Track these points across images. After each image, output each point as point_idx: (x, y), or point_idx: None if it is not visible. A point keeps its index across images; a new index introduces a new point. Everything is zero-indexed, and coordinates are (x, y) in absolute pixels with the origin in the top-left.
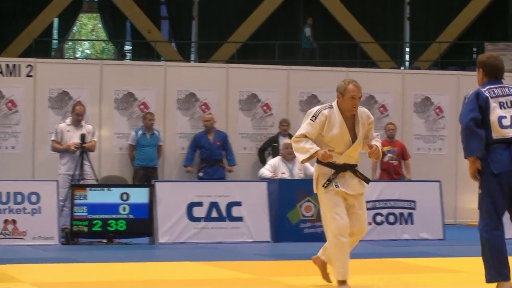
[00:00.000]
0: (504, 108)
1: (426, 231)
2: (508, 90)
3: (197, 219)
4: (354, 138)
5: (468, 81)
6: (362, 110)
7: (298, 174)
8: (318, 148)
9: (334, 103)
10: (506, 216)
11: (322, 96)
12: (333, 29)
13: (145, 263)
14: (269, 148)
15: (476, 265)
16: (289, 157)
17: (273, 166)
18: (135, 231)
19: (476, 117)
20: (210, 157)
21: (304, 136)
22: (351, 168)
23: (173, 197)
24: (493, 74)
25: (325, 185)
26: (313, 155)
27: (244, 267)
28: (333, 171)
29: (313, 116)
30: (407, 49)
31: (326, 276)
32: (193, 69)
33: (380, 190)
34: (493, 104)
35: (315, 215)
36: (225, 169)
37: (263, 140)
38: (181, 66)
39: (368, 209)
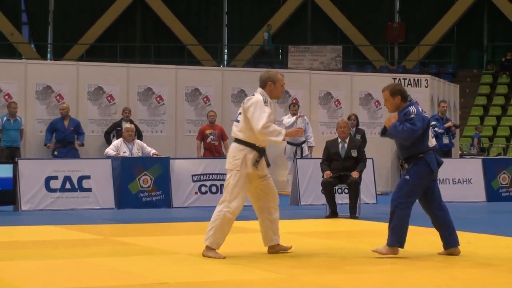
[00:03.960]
0: None
1: None
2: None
3: (54, 190)
4: None
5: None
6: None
7: (136, 153)
8: (285, 129)
9: (261, 92)
10: None
11: (156, 88)
12: (163, 31)
13: (10, 227)
14: (113, 131)
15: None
16: (129, 139)
17: (116, 146)
18: (1, 200)
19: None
20: (64, 139)
21: (270, 120)
22: (264, 152)
23: (33, 172)
24: (407, 98)
25: (256, 165)
26: (286, 135)
27: (93, 229)
28: (257, 154)
29: (265, 103)
30: (226, 51)
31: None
32: (49, 66)
33: (204, 166)
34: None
35: (151, 186)
36: (77, 150)
37: (109, 125)
38: (39, 63)
39: (194, 181)
